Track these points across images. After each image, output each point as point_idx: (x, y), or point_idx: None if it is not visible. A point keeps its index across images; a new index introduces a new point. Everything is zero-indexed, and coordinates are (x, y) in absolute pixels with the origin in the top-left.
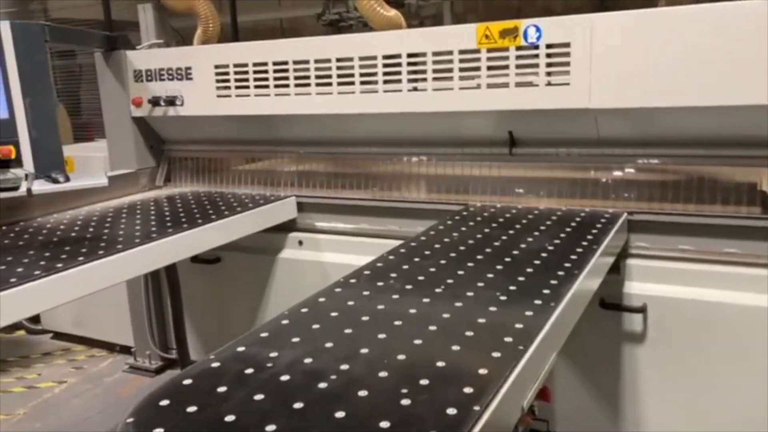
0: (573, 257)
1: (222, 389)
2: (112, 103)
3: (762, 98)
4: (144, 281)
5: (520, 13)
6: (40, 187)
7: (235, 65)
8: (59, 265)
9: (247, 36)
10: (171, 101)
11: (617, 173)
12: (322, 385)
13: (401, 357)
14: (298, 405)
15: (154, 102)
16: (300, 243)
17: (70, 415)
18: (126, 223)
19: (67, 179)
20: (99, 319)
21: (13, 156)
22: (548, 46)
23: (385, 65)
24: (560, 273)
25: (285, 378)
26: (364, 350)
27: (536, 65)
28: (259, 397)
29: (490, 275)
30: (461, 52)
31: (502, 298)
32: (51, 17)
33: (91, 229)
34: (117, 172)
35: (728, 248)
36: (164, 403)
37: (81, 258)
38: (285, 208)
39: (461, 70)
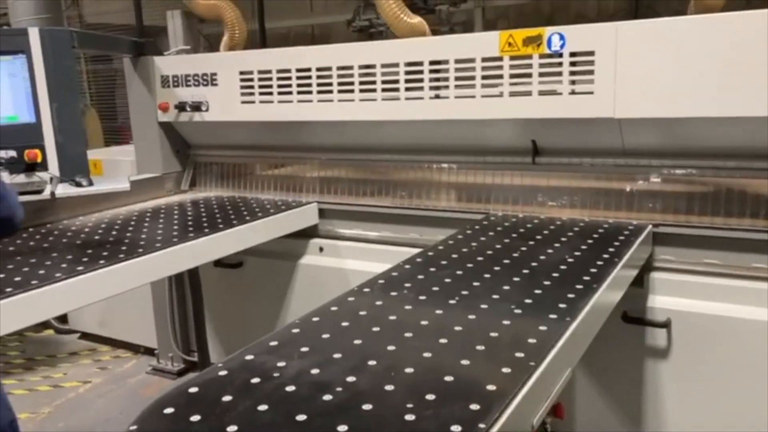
0: (593, 270)
1: (227, 398)
2: (140, 108)
3: None
4: (168, 284)
5: (551, 19)
6: (64, 190)
7: (259, 71)
8: (80, 267)
9: (278, 42)
10: (196, 107)
11: (642, 184)
12: (327, 397)
13: (409, 370)
14: (301, 417)
15: (180, 107)
16: (321, 249)
17: (93, 415)
18: (149, 227)
19: (91, 183)
20: (124, 320)
21: (39, 160)
22: (572, 54)
23: (408, 72)
24: (578, 286)
25: (290, 389)
26: (372, 362)
27: (560, 73)
28: (263, 408)
29: (506, 287)
30: (484, 59)
31: (517, 311)
32: (86, 23)
33: (114, 233)
34: (142, 176)
35: (756, 263)
36: (169, 411)
37: (102, 261)
38: (306, 215)
39: (484, 77)
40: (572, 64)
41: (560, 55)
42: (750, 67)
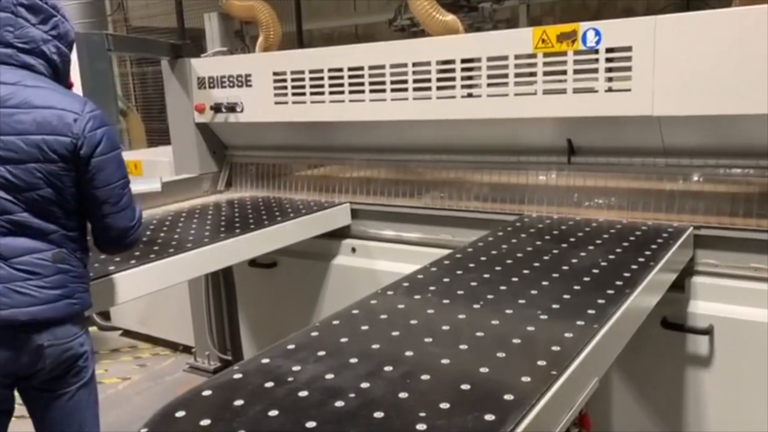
0: (626, 274)
1: (239, 403)
2: (177, 110)
3: None
4: (204, 283)
5: (599, 14)
6: None
7: (292, 72)
8: (111, 267)
9: (323, 43)
10: (232, 108)
11: (683, 184)
12: (339, 403)
13: (425, 377)
14: (310, 424)
15: (216, 108)
16: (353, 250)
17: (130, 412)
18: (183, 227)
19: None
20: (164, 318)
21: None
22: (608, 50)
23: (440, 71)
24: (610, 291)
25: (303, 394)
26: (388, 368)
27: (596, 70)
28: (273, 413)
29: (534, 291)
30: (517, 56)
31: (543, 317)
32: (132, 26)
33: (148, 232)
34: (179, 177)
35: None
36: (180, 414)
37: (133, 261)
38: (338, 215)
39: (517, 75)
40: (608, 60)
41: (596, 51)
42: None
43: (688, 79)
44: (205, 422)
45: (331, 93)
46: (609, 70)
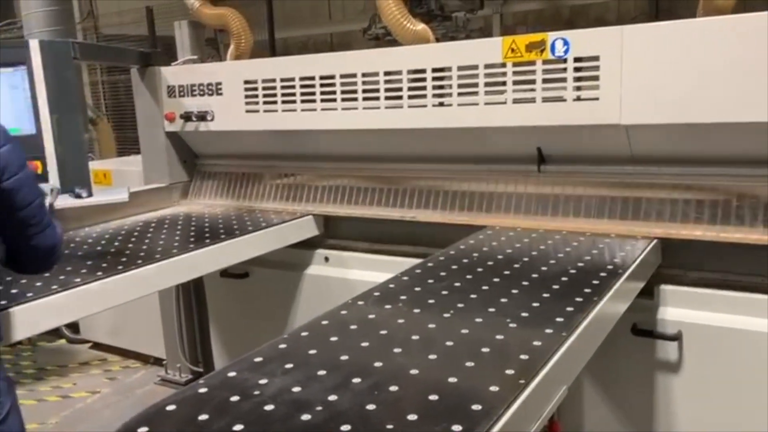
0: (595, 282)
1: (203, 417)
2: (147, 118)
3: None
4: (175, 295)
5: (571, 23)
6: (63, 202)
7: (263, 80)
8: (77, 279)
9: (297, 51)
10: (202, 116)
11: (651, 192)
12: (306, 417)
13: (393, 388)
14: None
15: (186, 117)
16: (326, 259)
17: (98, 426)
18: (152, 237)
19: (90, 194)
20: (135, 330)
21: (39, 171)
22: (576, 60)
23: (411, 80)
24: (578, 299)
25: (269, 408)
26: (356, 380)
27: (564, 79)
28: (238, 427)
29: (503, 300)
30: (487, 66)
31: (512, 325)
32: (102, 34)
33: (117, 243)
34: (148, 186)
35: None
36: (142, 430)
37: (100, 273)
38: (306, 226)
39: (487, 84)
40: (577, 69)
41: (564, 61)
42: (761, 70)
43: (655, 88)
44: None
45: (302, 101)
46: (577, 79)
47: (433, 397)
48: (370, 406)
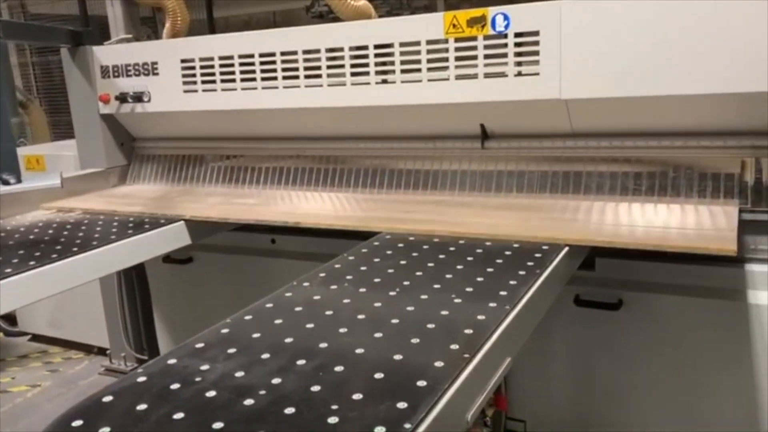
0: (537, 255)
1: (142, 407)
2: (80, 101)
3: (735, 86)
4: (117, 282)
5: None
6: None
7: (201, 59)
8: (8, 270)
9: (238, 30)
10: (138, 97)
11: (591, 166)
12: (249, 401)
13: (338, 368)
14: (218, 425)
15: (122, 98)
16: (273, 241)
17: (40, 421)
18: (88, 224)
19: (19, 181)
20: (75, 320)
21: None
22: (517, 35)
23: (353, 57)
24: (521, 272)
25: (211, 394)
26: (300, 362)
27: (505, 55)
28: (178, 416)
29: (448, 276)
30: (429, 42)
31: (457, 300)
32: (29, 13)
33: (50, 231)
34: (84, 171)
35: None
36: (77, 423)
37: (33, 262)
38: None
39: (429, 61)
40: (517, 45)
41: (505, 36)
42: (694, 44)
43: (593, 62)
44: (105, 430)
45: (242, 80)
46: (518, 54)
47: (379, 376)
48: (315, 388)
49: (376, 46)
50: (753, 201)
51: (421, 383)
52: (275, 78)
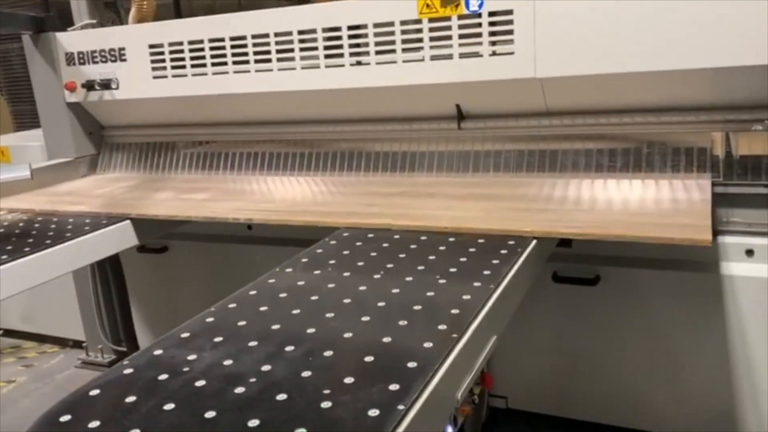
0: (503, 251)
1: (130, 399)
2: (45, 89)
3: (705, 61)
4: (91, 273)
5: None
6: None
7: (170, 44)
8: None
9: (203, 15)
10: (106, 84)
11: (567, 144)
12: (239, 390)
13: (328, 353)
14: (209, 414)
15: (89, 86)
16: (249, 228)
17: (18, 417)
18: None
19: None
20: (49, 314)
21: None
22: (491, 14)
23: (326, 39)
24: (503, 251)
25: (200, 384)
26: (289, 348)
27: (480, 34)
28: (169, 406)
29: (431, 257)
30: (403, 23)
31: (442, 281)
32: None
33: (21, 224)
34: (52, 161)
35: None
36: (65, 418)
37: (5, 256)
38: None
39: (404, 42)
40: (492, 24)
41: (479, 15)
42: (666, 21)
43: (567, 41)
44: (94, 424)
45: (213, 65)
46: (492, 34)
47: (369, 359)
48: (306, 373)
49: (350, 27)
50: (725, 174)
51: (412, 364)
52: (247, 62)
